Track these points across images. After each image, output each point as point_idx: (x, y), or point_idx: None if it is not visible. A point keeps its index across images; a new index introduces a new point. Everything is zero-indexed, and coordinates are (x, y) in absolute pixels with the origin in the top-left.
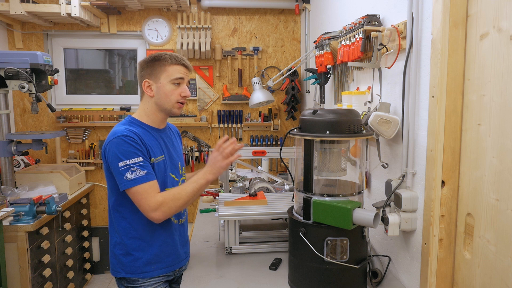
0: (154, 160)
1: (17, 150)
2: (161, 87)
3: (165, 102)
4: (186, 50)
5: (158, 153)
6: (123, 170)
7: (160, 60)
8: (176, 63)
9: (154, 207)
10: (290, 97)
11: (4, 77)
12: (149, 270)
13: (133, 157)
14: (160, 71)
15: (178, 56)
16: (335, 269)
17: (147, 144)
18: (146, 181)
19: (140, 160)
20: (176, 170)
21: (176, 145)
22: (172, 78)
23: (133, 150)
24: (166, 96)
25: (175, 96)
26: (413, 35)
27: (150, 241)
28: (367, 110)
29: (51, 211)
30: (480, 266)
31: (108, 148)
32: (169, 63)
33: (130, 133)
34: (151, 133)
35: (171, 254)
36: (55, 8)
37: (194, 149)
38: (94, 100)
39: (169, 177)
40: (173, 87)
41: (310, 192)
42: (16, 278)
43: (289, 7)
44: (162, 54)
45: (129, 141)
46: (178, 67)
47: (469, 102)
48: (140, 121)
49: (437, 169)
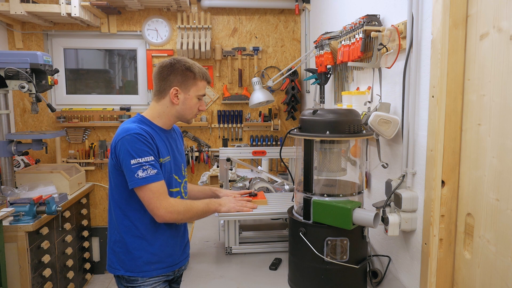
0: (162, 161)
1: (17, 150)
2: (188, 99)
3: (188, 113)
4: (186, 50)
5: (165, 154)
6: (135, 168)
7: (193, 72)
8: (204, 79)
9: (166, 208)
10: (290, 97)
11: (4, 77)
12: (149, 270)
13: (145, 156)
14: (191, 84)
15: (206, 72)
16: (335, 269)
17: (157, 144)
18: (156, 180)
19: (151, 159)
20: (179, 171)
21: (179, 147)
22: (199, 94)
23: (145, 149)
24: (190, 108)
25: (195, 109)
26: (413, 35)
27: (151, 241)
28: (367, 110)
29: (51, 211)
30: (480, 266)
31: (119, 145)
32: (200, 79)
33: (143, 132)
34: (159, 134)
35: (172, 255)
36: (55, 8)
37: (194, 149)
38: (94, 100)
39: (173, 178)
40: (197, 102)
41: (310, 192)
42: (16, 278)
43: (289, 7)
44: (194, 67)
45: (142, 139)
46: (204, 83)
47: (469, 102)
48: (150, 121)
49: (437, 169)
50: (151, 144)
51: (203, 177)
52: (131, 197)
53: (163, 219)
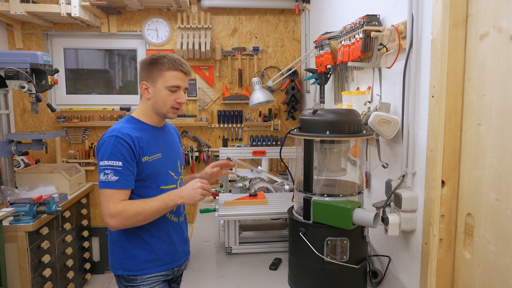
0: (148, 159)
1: (17, 150)
2: (157, 91)
3: (161, 107)
4: (186, 50)
5: (153, 152)
6: (100, 169)
7: (157, 63)
8: (173, 69)
9: (112, 214)
10: (290, 97)
11: (4, 77)
12: (147, 268)
13: (114, 160)
14: (157, 75)
15: (176, 60)
16: (335, 269)
17: (141, 146)
18: (114, 187)
19: (118, 165)
20: (175, 167)
21: (175, 143)
22: (168, 85)
23: (116, 153)
24: (161, 101)
25: (170, 102)
26: (413, 35)
27: (148, 239)
28: (367, 110)
29: (51, 211)
30: (480, 266)
31: (100, 144)
32: (166, 68)
33: (125, 136)
34: (149, 131)
35: (169, 252)
36: (55, 8)
37: (194, 149)
38: (94, 100)
39: (168, 175)
40: (169, 93)
41: (310, 192)
42: (16, 278)
43: (289, 7)
44: (161, 57)
45: (118, 143)
46: (175, 73)
47: (469, 102)
48: (138, 120)
49: (437, 169)
50: (127, 149)
51: None
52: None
53: (112, 226)
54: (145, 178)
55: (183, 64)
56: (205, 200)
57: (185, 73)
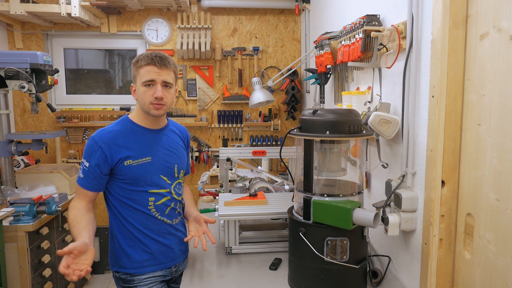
0: (132, 163)
1: (17, 150)
2: (138, 90)
3: (142, 105)
4: (186, 50)
5: (140, 155)
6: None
7: (136, 62)
8: (146, 64)
9: (70, 206)
10: (290, 97)
11: (4, 77)
12: (141, 267)
13: (85, 160)
14: (136, 74)
15: (151, 54)
16: (335, 269)
17: (116, 149)
18: (79, 184)
19: (85, 166)
20: (169, 172)
21: (175, 147)
22: (142, 81)
23: (88, 155)
24: (141, 99)
25: (148, 98)
26: (413, 35)
27: (142, 239)
28: (367, 110)
29: (51, 211)
30: (480, 266)
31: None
32: (140, 65)
33: (101, 140)
34: (140, 133)
35: (164, 252)
36: (55, 8)
37: (194, 149)
38: (94, 100)
39: (160, 179)
40: (145, 89)
41: (310, 192)
42: (16, 278)
43: (289, 7)
44: (140, 55)
45: (93, 145)
46: (148, 67)
47: (469, 102)
48: (131, 121)
49: (437, 169)
50: (95, 152)
51: (203, 177)
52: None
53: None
54: (130, 182)
55: (157, 57)
56: (205, 200)
57: (159, 66)
